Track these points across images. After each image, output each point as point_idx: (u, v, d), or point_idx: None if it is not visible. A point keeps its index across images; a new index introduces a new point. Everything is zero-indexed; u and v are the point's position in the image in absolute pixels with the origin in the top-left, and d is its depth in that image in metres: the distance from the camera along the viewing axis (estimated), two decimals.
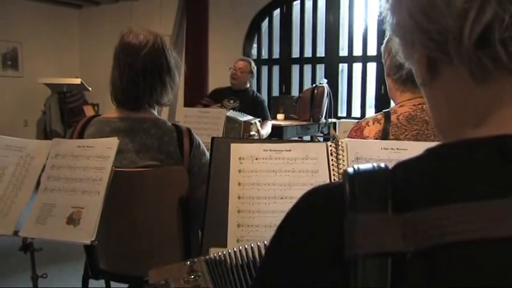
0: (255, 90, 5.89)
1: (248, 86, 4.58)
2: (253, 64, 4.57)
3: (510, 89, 0.50)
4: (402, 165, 0.53)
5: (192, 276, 0.91)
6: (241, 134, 3.43)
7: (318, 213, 0.53)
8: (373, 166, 0.52)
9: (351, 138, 1.81)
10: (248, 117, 3.62)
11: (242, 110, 3.96)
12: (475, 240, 0.44)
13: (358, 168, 0.53)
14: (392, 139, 1.72)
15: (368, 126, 1.79)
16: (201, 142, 1.93)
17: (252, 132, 3.58)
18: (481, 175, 0.47)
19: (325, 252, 0.50)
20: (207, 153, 1.92)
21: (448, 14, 0.49)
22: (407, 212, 0.47)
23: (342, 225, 0.49)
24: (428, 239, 0.45)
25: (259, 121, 3.77)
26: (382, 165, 0.52)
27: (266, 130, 4.18)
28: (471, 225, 0.44)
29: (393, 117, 1.76)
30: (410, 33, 0.54)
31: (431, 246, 0.45)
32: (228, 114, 3.42)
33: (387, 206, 0.48)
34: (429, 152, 0.53)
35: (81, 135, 1.85)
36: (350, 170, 0.53)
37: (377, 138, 1.75)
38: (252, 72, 4.54)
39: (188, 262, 0.95)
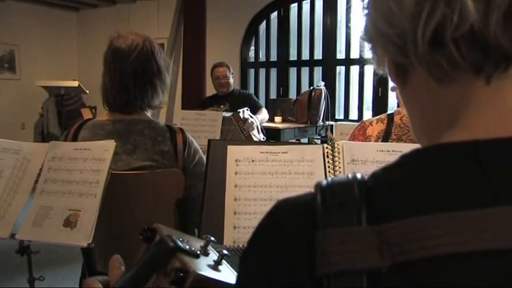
0: (253, 93, 5.91)
1: (233, 87, 4.77)
2: (227, 64, 4.79)
3: (475, 89, 0.50)
4: (377, 175, 0.52)
5: None
6: (237, 125, 3.45)
7: (288, 228, 0.51)
8: (347, 177, 0.51)
9: (354, 136, 1.83)
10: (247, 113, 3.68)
11: (233, 110, 4.01)
12: (453, 254, 0.43)
13: (332, 179, 0.51)
14: (394, 139, 1.74)
15: (371, 125, 1.81)
16: (193, 140, 1.94)
17: (246, 116, 3.60)
18: (457, 184, 0.46)
19: (296, 269, 0.48)
20: (201, 152, 1.92)
21: (403, 18, 0.49)
22: (382, 224, 0.46)
23: (313, 240, 0.47)
24: (405, 253, 0.44)
25: (247, 109, 3.80)
26: (359, 175, 0.51)
27: (262, 116, 4.31)
28: (452, 238, 0.43)
29: (396, 118, 1.79)
30: (375, 39, 0.55)
31: (408, 260, 0.44)
32: (223, 114, 3.46)
33: (360, 218, 0.47)
34: (404, 159, 0.51)
35: (74, 139, 1.86)
36: (323, 182, 0.51)
37: (379, 138, 1.77)
38: (232, 73, 4.76)
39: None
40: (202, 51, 7.11)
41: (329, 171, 1.40)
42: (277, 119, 5.73)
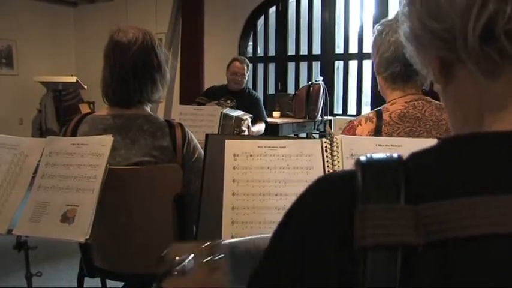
0: (251, 87, 5.90)
1: (245, 85, 4.58)
2: (247, 61, 4.55)
3: None
4: (415, 156, 0.53)
5: (213, 257, 0.88)
6: (232, 129, 3.43)
7: (329, 201, 0.53)
8: (386, 155, 0.52)
9: None
10: (240, 113, 3.63)
11: (239, 108, 3.95)
12: (489, 235, 0.44)
13: (371, 156, 0.52)
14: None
15: (360, 125, 1.79)
16: (193, 136, 1.93)
17: (243, 128, 3.58)
18: (496, 169, 0.47)
19: (335, 240, 0.49)
20: (200, 148, 1.91)
21: (453, 13, 0.50)
22: (420, 203, 0.47)
23: (352, 215, 0.48)
24: (441, 232, 0.45)
25: (251, 117, 3.77)
26: (395, 155, 0.52)
27: (257, 128, 4.16)
28: (485, 220, 0.44)
29: (385, 116, 1.76)
30: (421, 36, 0.56)
31: (444, 239, 0.45)
32: (223, 111, 3.42)
33: (399, 196, 0.48)
34: (443, 143, 0.53)
35: (74, 134, 1.85)
36: (362, 158, 0.53)
37: None
38: (248, 70, 4.53)
39: (209, 243, 0.92)
40: (201, 47, 7.11)
41: (328, 166, 1.39)
42: (276, 114, 5.73)
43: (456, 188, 0.47)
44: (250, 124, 3.74)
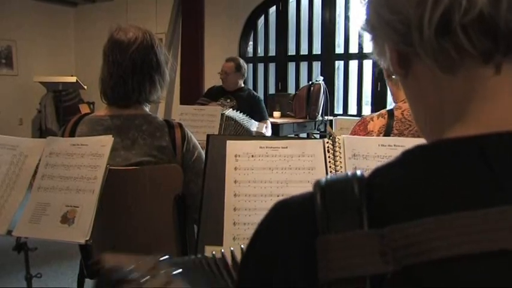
0: (251, 88, 5.87)
1: (242, 85, 4.50)
2: (240, 61, 4.44)
3: (485, 78, 0.48)
4: (379, 172, 0.50)
5: (165, 271, 0.86)
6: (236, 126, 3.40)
7: (289, 231, 0.50)
8: (347, 175, 0.49)
9: (355, 132, 1.82)
10: (255, 125, 3.57)
11: (239, 109, 3.92)
12: (461, 256, 0.41)
13: (331, 178, 0.50)
14: (396, 134, 1.72)
15: (372, 121, 1.80)
16: (192, 136, 1.92)
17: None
18: (463, 183, 0.44)
19: (298, 274, 0.47)
20: (200, 147, 1.90)
21: (408, 4, 0.48)
22: (386, 225, 0.44)
23: (314, 245, 0.46)
24: (409, 257, 0.42)
25: (266, 127, 3.73)
26: (358, 172, 0.49)
27: (268, 133, 4.12)
28: (453, 240, 0.42)
29: (397, 113, 1.77)
30: (377, 27, 0.54)
31: (413, 264, 0.42)
32: (227, 113, 3.37)
33: (362, 222, 0.45)
34: (406, 156, 0.50)
35: (72, 134, 1.84)
36: (322, 180, 0.49)
37: (381, 133, 1.75)
38: (240, 70, 4.39)
39: (153, 258, 0.90)
40: (201, 47, 7.10)
41: (330, 166, 1.38)
42: (276, 114, 5.72)
43: (423, 206, 0.44)
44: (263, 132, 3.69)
